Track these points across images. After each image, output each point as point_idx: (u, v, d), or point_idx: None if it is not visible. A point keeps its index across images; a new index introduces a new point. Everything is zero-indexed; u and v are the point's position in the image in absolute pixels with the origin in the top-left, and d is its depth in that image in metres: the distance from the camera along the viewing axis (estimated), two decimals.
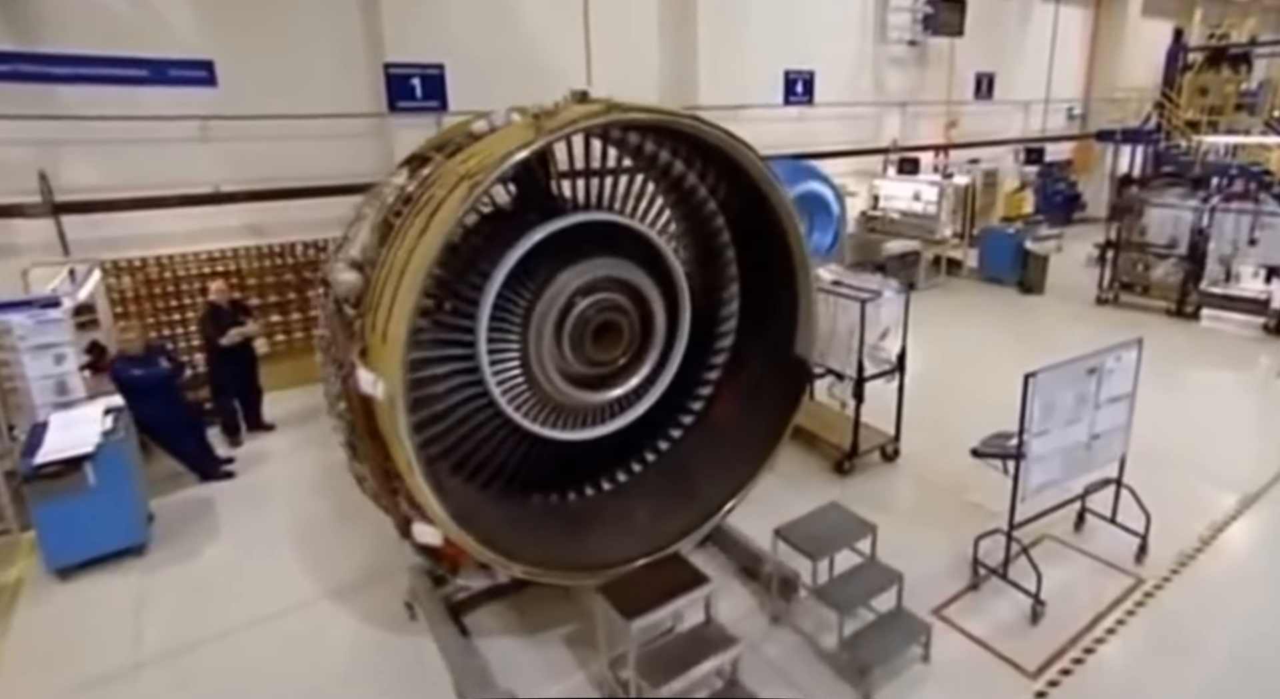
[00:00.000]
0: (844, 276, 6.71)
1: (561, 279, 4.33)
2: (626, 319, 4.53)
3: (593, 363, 4.43)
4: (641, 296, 4.56)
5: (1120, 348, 4.89)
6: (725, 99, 10.30)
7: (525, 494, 4.70)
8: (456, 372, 4.28)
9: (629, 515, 4.71)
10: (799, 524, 4.76)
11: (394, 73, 8.42)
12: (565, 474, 4.83)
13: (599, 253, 4.44)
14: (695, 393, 5.29)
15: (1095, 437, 4.96)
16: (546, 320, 4.27)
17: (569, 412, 4.55)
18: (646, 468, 5.07)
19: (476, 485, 4.48)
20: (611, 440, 4.80)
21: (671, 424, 5.21)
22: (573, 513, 4.73)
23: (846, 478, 6.45)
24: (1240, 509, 5.81)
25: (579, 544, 4.47)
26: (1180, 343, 9.67)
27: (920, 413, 7.18)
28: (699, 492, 4.82)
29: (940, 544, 5.36)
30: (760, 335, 5.14)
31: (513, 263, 4.11)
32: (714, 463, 4.96)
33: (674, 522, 4.64)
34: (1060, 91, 15.85)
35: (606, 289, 4.46)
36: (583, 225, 4.33)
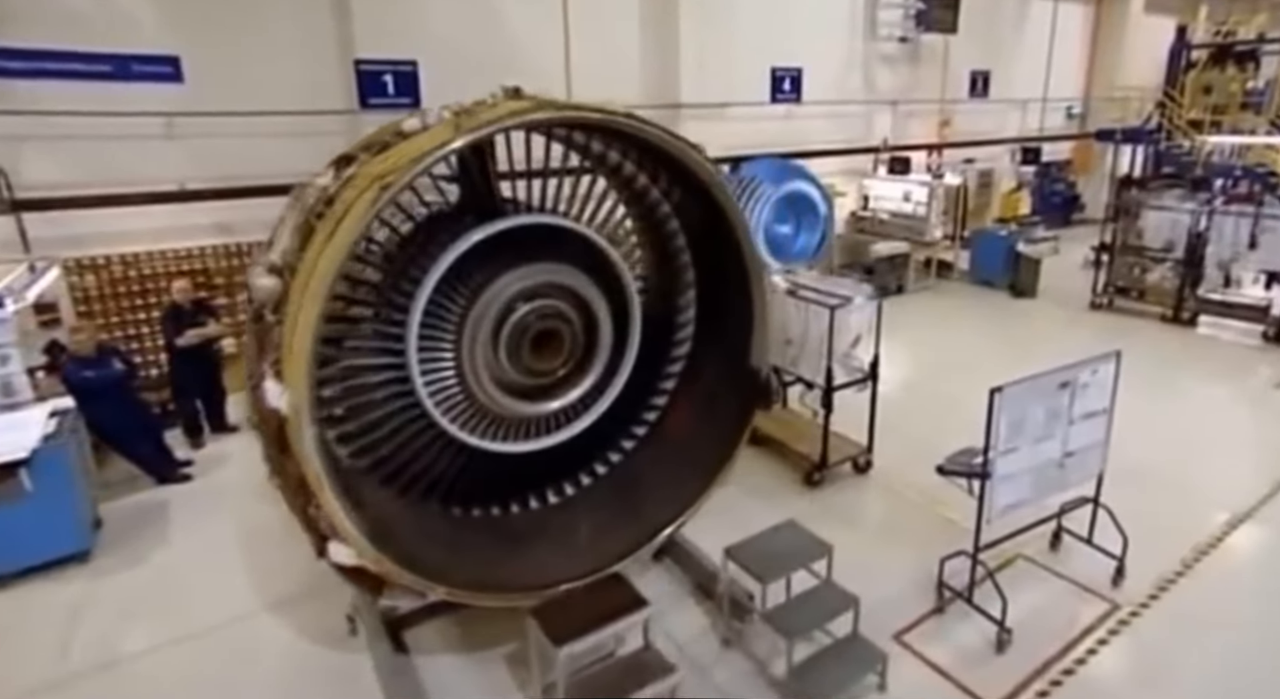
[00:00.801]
0: (816, 282, 6.39)
1: (498, 284, 4.07)
2: (569, 328, 4.26)
3: (531, 372, 4.16)
4: (586, 305, 4.28)
5: (1097, 360, 4.55)
6: (709, 96, 9.99)
7: (466, 507, 4.44)
8: (391, 380, 4.03)
9: (573, 531, 4.44)
10: (751, 543, 4.48)
11: (365, 69, 8.16)
12: (509, 486, 4.57)
13: (544, 257, 4.17)
14: (649, 403, 5.00)
15: (1069, 454, 4.62)
16: (481, 326, 4.02)
17: (508, 423, 4.28)
18: (596, 480, 4.79)
19: (412, 499, 4.23)
20: (559, 452, 4.53)
21: (624, 435, 4.93)
22: (515, 527, 4.47)
23: (816, 490, 6.15)
24: (1227, 530, 5.45)
25: (518, 561, 4.21)
26: (1175, 351, 9.25)
27: (897, 422, 6.87)
28: (647, 508, 4.55)
29: (908, 562, 5.05)
30: (716, 343, 4.85)
31: (443, 269, 3.86)
32: (665, 477, 4.68)
33: (618, 540, 4.36)
34: (1059, 90, 15.32)
35: (548, 295, 4.20)
36: (528, 229, 4.07)
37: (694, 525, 5.17)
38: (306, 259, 3.49)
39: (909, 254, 11.11)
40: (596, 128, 4.04)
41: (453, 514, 4.38)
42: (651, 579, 5.02)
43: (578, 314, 4.30)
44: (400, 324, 3.90)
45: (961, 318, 10.65)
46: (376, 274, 4.15)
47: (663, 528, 4.39)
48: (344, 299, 4.04)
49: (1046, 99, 15.14)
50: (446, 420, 4.03)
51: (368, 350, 3.99)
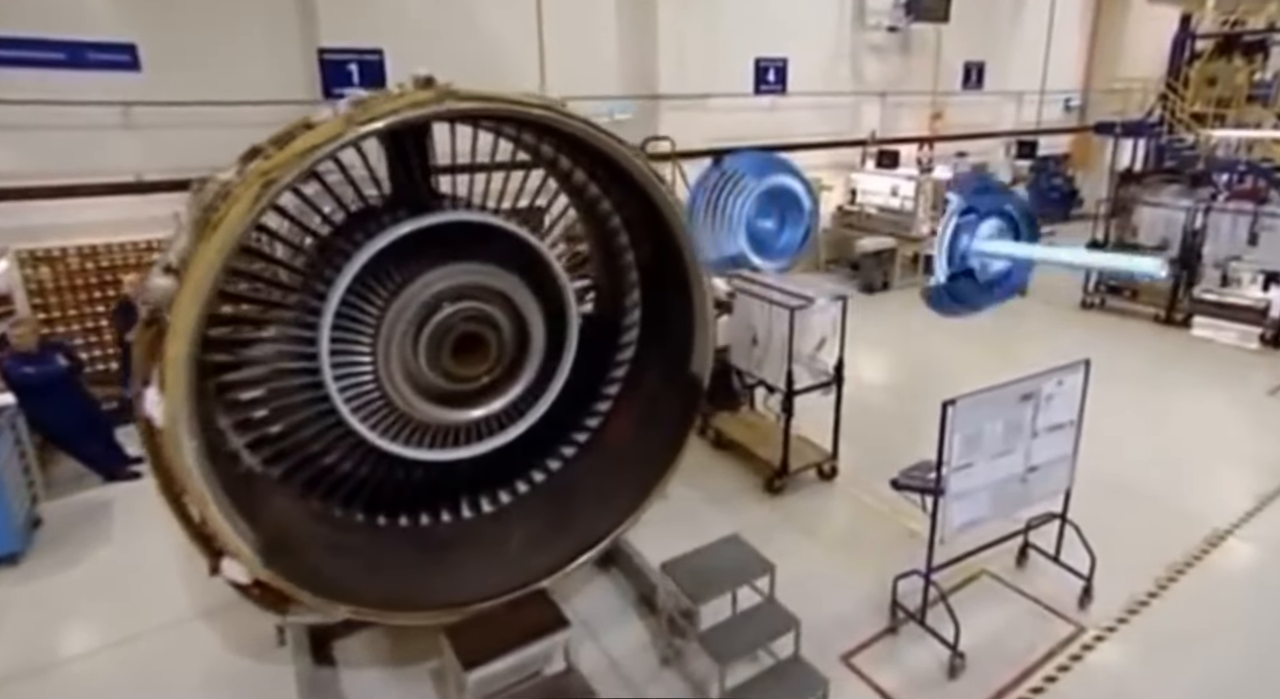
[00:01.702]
0: (780, 282, 6.04)
1: (418, 283, 3.79)
2: (495, 334, 3.96)
3: (451, 377, 3.86)
4: (518, 311, 3.98)
5: (1062, 370, 4.18)
6: (689, 87, 9.58)
7: (394, 515, 4.16)
8: (307, 385, 3.75)
9: (504, 542, 4.16)
10: (690, 559, 4.18)
11: (329, 58, 7.82)
12: (439, 494, 4.28)
13: (475, 257, 3.88)
14: (592, 408, 4.69)
15: (1032, 469, 4.27)
16: (397, 327, 3.73)
17: (431, 429, 3.98)
18: (534, 488, 4.49)
19: (332, 507, 3.95)
20: (494, 458, 4.24)
21: (563, 441, 4.62)
22: (444, 537, 4.19)
23: (777, 497, 5.83)
24: (1206, 549, 5.07)
25: (441, 574, 3.93)
26: (1166, 353, 8.79)
27: (868, 426, 6.53)
28: (581, 520, 4.25)
29: (865, 576, 4.74)
30: (660, 347, 4.52)
31: (357, 267, 3.57)
32: (602, 487, 4.38)
33: (549, 553, 4.08)
34: (1057, 82, 14.68)
35: (476, 298, 3.90)
36: (461, 227, 3.77)
37: (646, 533, 4.93)
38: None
39: (895, 249, 10.67)
40: (522, 121, 3.70)
41: (377, 523, 4.10)
42: (596, 590, 4.76)
43: (508, 320, 4.00)
44: (313, 326, 3.61)
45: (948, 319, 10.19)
46: (294, 272, 3.87)
47: (597, 541, 4.08)
48: (248, 300, 3.77)
49: (1044, 91, 14.52)
50: (365, 426, 3.75)
51: (284, 354, 3.71)
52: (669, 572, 4.10)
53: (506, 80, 9.00)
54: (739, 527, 5.48)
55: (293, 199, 3.73)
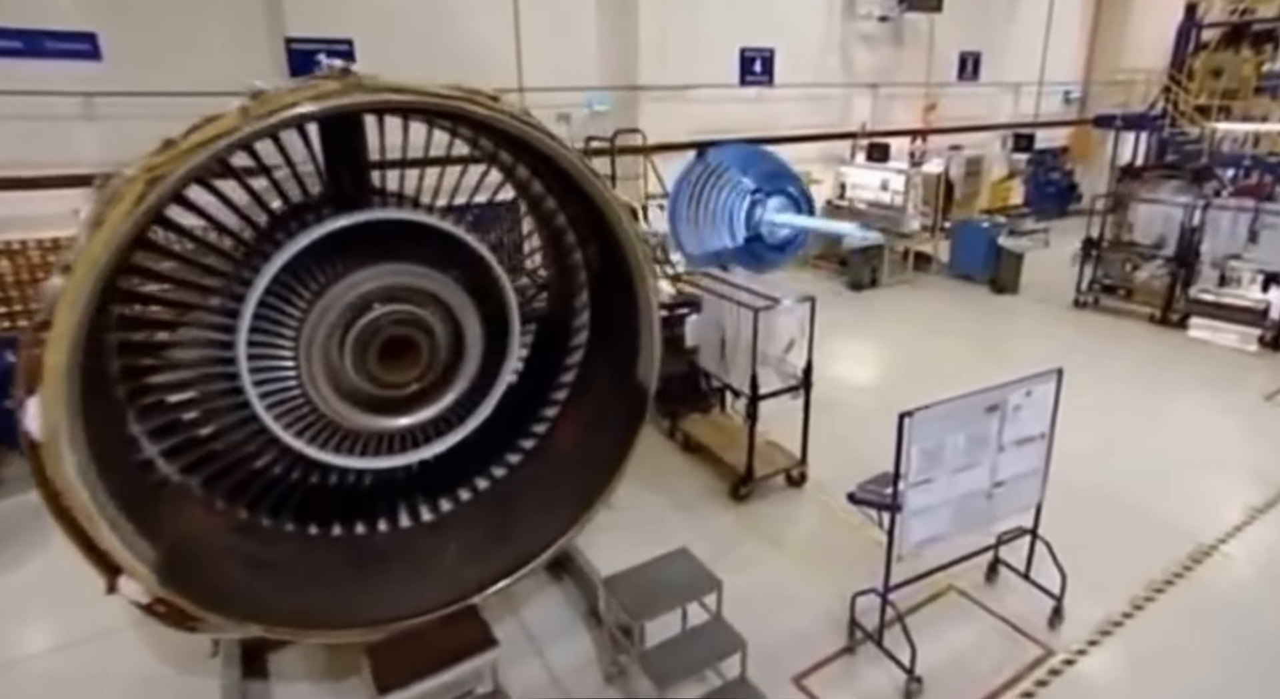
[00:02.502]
0: (747, 282, 5.74)
1: (345, 282, 3.55)
2: (428, 339, 3.69)
3: (377, 383, 3.61)
4: (454, 317, 3.72)
5: (1032, 380, 3.87)
6: (671, 78, 9.21)
7: (326, 525, 3.93)
8: (229, 390, 3.51)
9: (440, 553, 3.92)
10: (635, 574, 3.93)
11: (297, 48, 7.53)
12: (379, 502, 4.05)
13: (412, 258, 3.63)
14: (539, 414, 4.42)
15: (999, 484, 3.97)
16: (319, 330, 3.48)
17: (363, 436, 3.74)
18: (477, 496, 4.24)
19: (259, 517, 3.72)
20: (437, 464, 4.01)
21: (509, 448, 4.36)
22: (377, 548, 3.95)
23: (743, 504, 5.56)
24: (1189, 564, 4.76)
25: (369, 590, 3.70)
26: (1160, 355, 8.41)
27: (845, 429, 6.24)
28: (523, 530, 4.00)
29: (827, 590, 4.48)
30: (608, 350, 4.24)
31: (274, 271, 3.33)
32: (547, 497, 4.13)
33: (485, 566, 3.83)
34: (1056, 73, 14.13)
35: (405, 300, 3.64)
36: (398, 226, 3.52)
37: (605, 540, 4.76)
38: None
39: (883, 246, 10.30)
40: (449, 115, 3.42)
41: (308, 533, 3.87)
42: (546, 600, 4.53)
43: (443, 324, 3.74)
44: (231, 329, 3.37)
45: (934, 315, 9.85)
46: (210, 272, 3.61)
47: (536, 554, 3.83)
48: (162, 302, 3.53)
49: (1042, 82, 13.98)
50: (290, 432, 3.52)
51: (207, 359, 3.47)
52: (611, 587, 3.86)
53: (483, 70, 8.74)
54: (702, 534, 5.24)
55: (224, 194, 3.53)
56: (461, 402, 3.89)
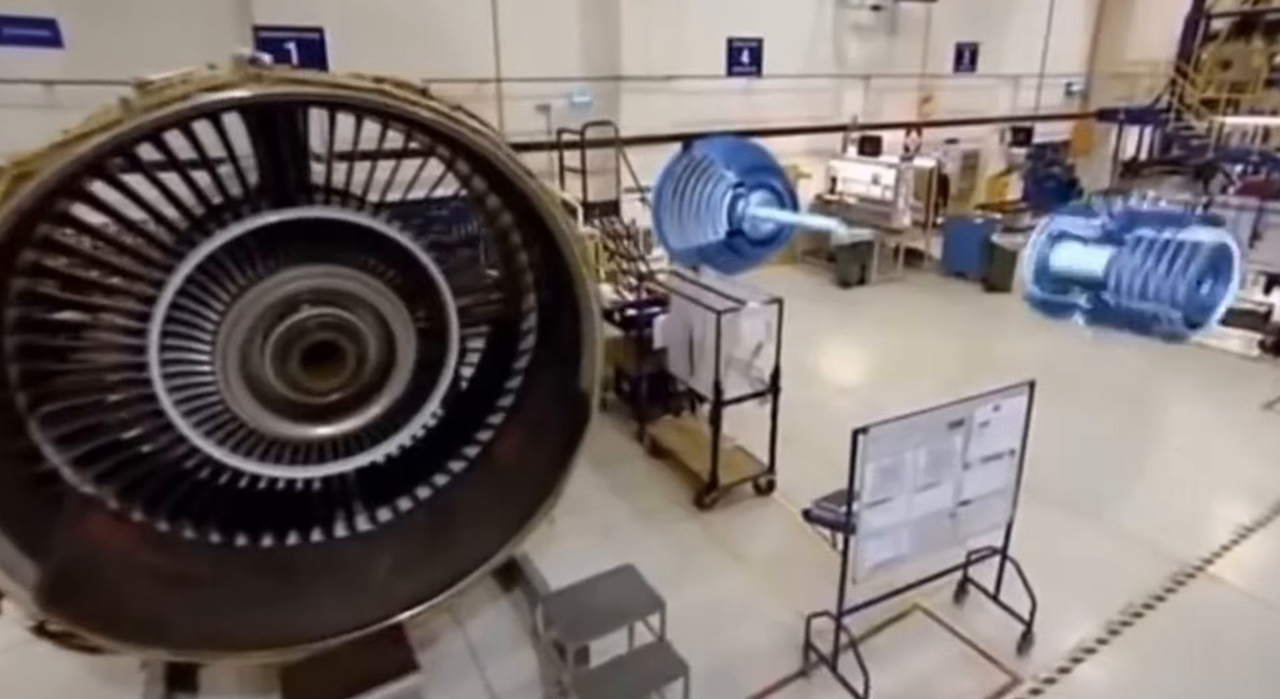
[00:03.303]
0: (715, 282, 5.43)
1: (260, 287, 3.31)
2: (355, 347, 3.44)
3: (300, 389, 3.36)
4: (387, 325, 3.47)
5: (1000, 394, 3.56)
6: (654, 69, 8.84)
7: (254, 536, 3.70)
8: (145, 397, 3.27)
9: (372, 566, 3.68)
10: (573, 593, 3.68)
11: (265, 36, 7.23)
12: (313, 511, 3.82)
13: (341, 259, 3.39)
14: (485, 421, 4.16)
15: (964, 503, 3.67)
16: (237, 328, 3.25)
17: (289, 443, 3.50)
18: (417, 505, 4.00)
19: (181, 530, 3.50)
20: (383, 471, 3.78)
21: (454, 455, 4.11)
22: (307, 562, 3.72)
23: (708, 512, 5.29)
24: (1171, 587, 4.44)
25: (291, 607, 3.48)
26: (1156, 359, 7.97)
27: (819, 436, 5.89)
28: (460, 544, 3.76)
29: (788, 607, 4.23)
30: (552, 358, 3.97)
31: (187, 272, 3.11)
32: (488, 509, 3.89)
33: (416, 582, 3.60)
34: (1058, 65, 13.55)
35: (332, 304, 3.41)
36: (331, 224, 3.30)
37: (562, 549, 4.54)
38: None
39: (872, 242, 9.92)
40: (367, 109, 3.14)
41: (235, 545, 3.64)
42: (494, 613, 4.30)
43: (375, 334, 3.49)
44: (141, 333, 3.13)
45: (923, 314, 9.48)
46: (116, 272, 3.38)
47: (468, 572, 3.58)
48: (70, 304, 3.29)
49: (1043, 74, 13.42)
50: (207, 437, 3.29)
51: (120, 364, 3.24)
52: (548, 606, 3.61)
53: (460, 60, 8.40)
54: (662, 544, 5.00)
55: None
56: (397, 411, 3.64)
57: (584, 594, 3.66)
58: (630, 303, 6.23)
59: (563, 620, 3.50)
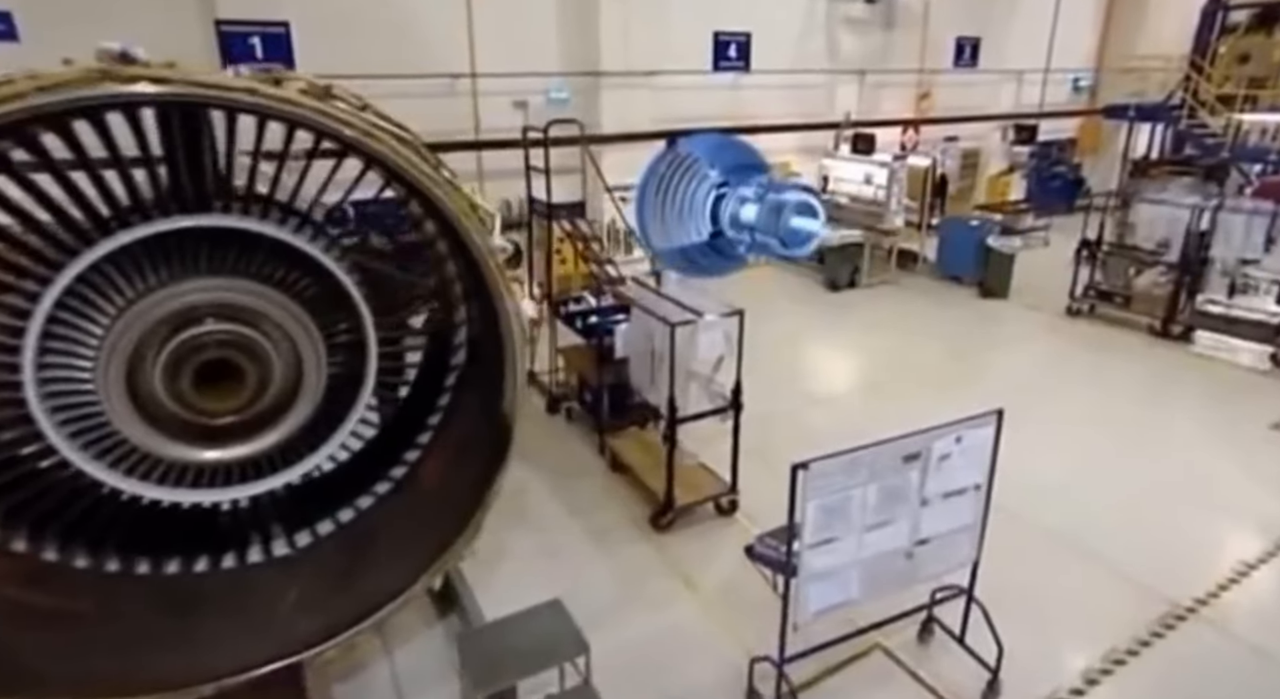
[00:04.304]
0: (676, 292, 5.07)
1: (158, 296, 3.01)
2: (257, 368, 3.13)
3: (191, 409, 3.06)
4: (296, 348, 3.15)
5: (963, 424, 3.15)
6: (636, 63, 8.43)
7: (159, 563, 3.42)
8: (21, 417, 2.99)
9: (278, 599, 3.38)
10: (495, 630, 3.38)
11: (228, 30, 6.95)
12: (227, 534, 3.53)
13: (248, 272, 3.10)
14: (416, 440, 3.84)
15: (922, 542, 3.28)
16: (124, 337, 2.96)
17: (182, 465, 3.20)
18: (339, 529, 3.69)
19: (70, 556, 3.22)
20: (303, 491, 3.48)
21: (382, 476, 3.80)
22: (208, 591, 3.42)
23: (664, 534, 4.95)
24: (1159, 631, 4.01)
25: (181, 643, 3.19)
26: (1157, 372, 7.50)
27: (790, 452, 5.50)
28: (372, 576, 3.45)
29: (737, 643, 3.88)
30: (478, 376, 3.63)
31: (61, 289, 2.81)
32: (404, 540, 3.56)
33: (324, 615, 3.30)
34: (1065, 59, 12.86)
35: (239, 320, 3.10)
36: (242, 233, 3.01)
37: (506, 570, 4.35)
38: None
39: (862, 243, 9.44)
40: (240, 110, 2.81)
41: (134, 573, 3.35)
42: (427, 640, 4.00)
43: (284, 355, 3.17)
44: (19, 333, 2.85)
45: (913, 319, 9.00)
46: None
47: (377, 608, 3.27)
48: None
49: (1049, 69, 12.75)
50: (96, 462, 3.00)
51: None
52: (465, 646, 3.30)
53: (433, 54, 8.04)
54: (613, 567, 4.66)
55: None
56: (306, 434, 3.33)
57: (505, 633, 3.35)
58: (590, 309, 5.88)
59: (478, 662, 3.18)
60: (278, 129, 3.06)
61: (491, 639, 3.30)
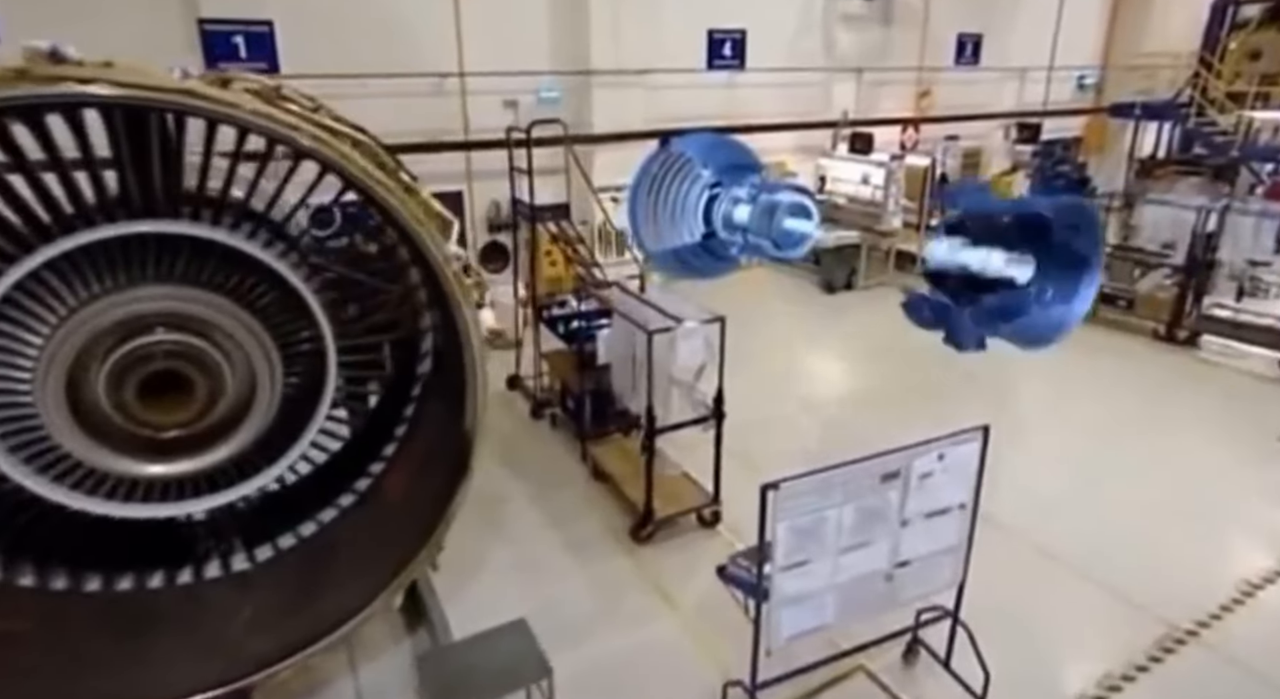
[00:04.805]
0: (656, 298, 4.90)
1: (103, 303, 2.88)
2: (207, 380, 3.00)
3: (135, 421, 2.93)
4: (249, 363, 3.02)
5: (948, 441, 2.97)
6: (628, 62, 8.25)
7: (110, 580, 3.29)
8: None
9: (231, 618, 3.25)
10: (454, 652, 3.24)
11: (211, 29, 6.83)
12: (167, 550, 3.40)
13: (199, 280, 2.96)
14: (382, 452, 3.69)
15: (902, 564, 3.10)
16: (65, 344, 2.85)
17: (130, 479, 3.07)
18: (300, 543, 3.55)
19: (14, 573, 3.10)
20: (264, 505, 3.35)
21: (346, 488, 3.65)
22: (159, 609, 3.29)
23: (644, 546, 4.78)
24: (1157, 656, 3.80)
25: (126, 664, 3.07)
26: (1161, 380, 7.23)
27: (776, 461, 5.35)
28: (330, 595, 3.31)
29: (716, 664, 3.71)
30: (442, 388, 3.48)
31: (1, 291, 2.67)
32: (364, 556, 3.42)
33: (276, 637, 3.16)
34: (1069, 57, 12.54)
35: (189, 330, 2.98)
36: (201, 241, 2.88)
37: (481, 583, 4.22)
38: None
39: (859, 244, 9.22)
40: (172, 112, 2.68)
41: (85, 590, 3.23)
42: (393, 655, 3.85)
43: (236, 367, 3.03)
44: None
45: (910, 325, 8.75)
46: None
47: (331, 630, 3.13)
48: None
49: (1053, 67, 12.44)
50: (36, 475, 2.88)
51: None
52: (423, 669, 3.15)
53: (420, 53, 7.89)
54: (590, 581, 4.50)
55: None
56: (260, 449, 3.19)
57: (466, 654, 3.20)
58: (571, 314, 5.72)
59: (436, 686, 3.04)
60: (232, 131, 2.93)
61: (452, 661, 3.16)
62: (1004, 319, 3.27)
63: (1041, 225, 3.07)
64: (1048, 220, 3.04)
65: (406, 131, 7.63)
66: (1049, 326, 3.10)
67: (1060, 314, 3.09)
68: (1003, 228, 3.18)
